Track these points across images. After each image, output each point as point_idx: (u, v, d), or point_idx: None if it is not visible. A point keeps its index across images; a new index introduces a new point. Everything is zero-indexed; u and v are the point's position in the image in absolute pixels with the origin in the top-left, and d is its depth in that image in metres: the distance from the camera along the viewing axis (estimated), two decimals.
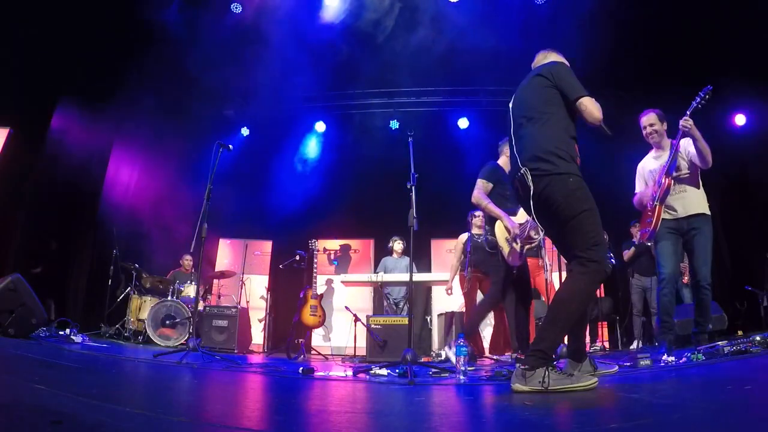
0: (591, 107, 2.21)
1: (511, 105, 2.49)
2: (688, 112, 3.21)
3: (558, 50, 2.59)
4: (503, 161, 4.16)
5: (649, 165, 3.57)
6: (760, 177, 6.03)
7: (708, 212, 3.32)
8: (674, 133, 3.49)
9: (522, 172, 2.22)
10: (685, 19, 5.67)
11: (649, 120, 3.50)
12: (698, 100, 3.21)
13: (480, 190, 3.95)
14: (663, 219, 3.37)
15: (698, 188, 3.36)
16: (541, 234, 3.28)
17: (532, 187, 2.17)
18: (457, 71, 6.95)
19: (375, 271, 6.07)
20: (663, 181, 3.32)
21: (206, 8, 6.18)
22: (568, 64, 2.45)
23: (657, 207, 3.33)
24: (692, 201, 3.32)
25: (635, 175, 3.69)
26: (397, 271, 5.83)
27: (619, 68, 6.25)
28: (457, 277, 5.46)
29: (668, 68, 6.20)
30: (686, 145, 3.34)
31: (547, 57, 2.58)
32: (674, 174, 3.33)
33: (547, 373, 1.89)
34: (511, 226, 3.77)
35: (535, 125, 2.28)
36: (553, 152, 2.17)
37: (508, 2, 5.97)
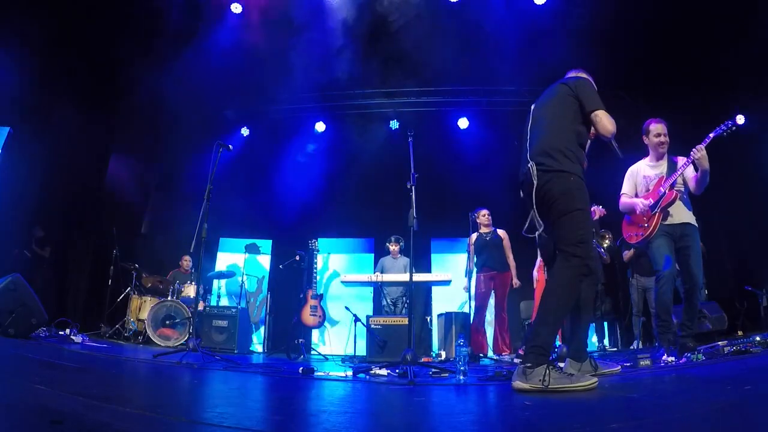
0: (605, 120, 2.32)
1: (533, 107, 2.61)
2: (702, 145, 3.24)
3: (587, 71, 2.68)
4: None
5: (645, 171, 3.59)
6: (760, 177, 6.03)
7: (696, 224, 3.40)
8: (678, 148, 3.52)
9: (529, 166, 2.30)
10: (684, 18, 5.67)
11: (663, 129, 3.51)
12: (718, 132, 3.25)
13: None
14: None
15: (690, 202, 3.45)
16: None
17: (535, 182, 2.25)
18: (457, 71, 6.95)
19: (373, 272, 6.07)
20: (667, 192, 3.35)
21: (207, 7, 6.18)
22: (593, 83, 2.55)
23: (657, 215, 3.37)
24: (684, 211, 3.40)
25: (624, 176, 3.72)
26: (394, 271, 5.83)
27: (619, 71, 6.25)
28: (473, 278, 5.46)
29: (669, 69, 6.21)
30: (683, 163, 3.41)
31: (577, 74, 2.69)
32: (676, 188, 3.40)
33: (547, 371, 1.90)
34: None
35: (548, 124, 2.40)
36: (560, 150, 2.27)
37: (508, 3, 5.97)
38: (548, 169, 2.25)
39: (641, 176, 3.58)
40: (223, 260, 7.71)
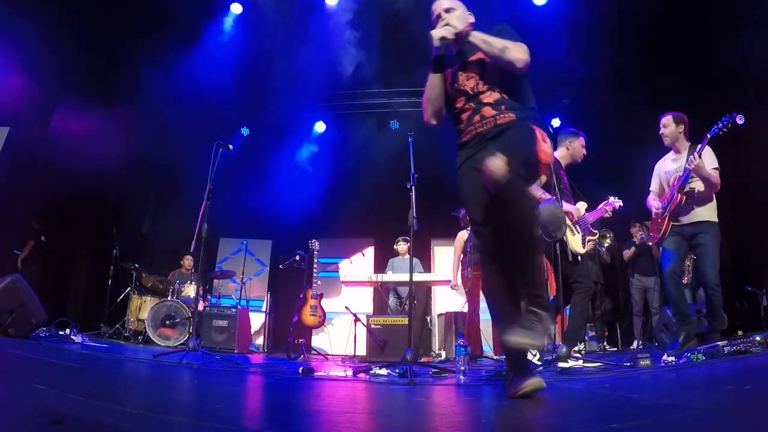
0: None
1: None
2: (696, 154, 3.24)
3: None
4: (562, 154, 3.68)
5: (666, 166, 3.64)
6: (760, 177, 6.01)
7: (714, 219, 3.37)
8: (693, 135, 3.52)
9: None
10: (686, 18, 5.67)
11: (663, 122, 3.55)
12: (715, 131, 3.25)
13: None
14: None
15: (710, 200, 3.40)
16: None
17: None
18: None
19: (384, 271, 6.05)
20: (676, 195, 3.39)
21: (207, 8, 6.18)
22: None
23: (666, 219, 3.41)
24: (698, 211, 3.39)
25: (651, 173, 3.76)
26: (402, 271, 5.82)
27: (623, 69, 6.24)
28: (460, 276, 5.46)
29: (671, 67, 6.19)
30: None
31: None
32: (687, 188, 3.38)
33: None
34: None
35: None
36: None
37: (508, 3, 5.96)
38: None
39: (663, 171, 3.64)
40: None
